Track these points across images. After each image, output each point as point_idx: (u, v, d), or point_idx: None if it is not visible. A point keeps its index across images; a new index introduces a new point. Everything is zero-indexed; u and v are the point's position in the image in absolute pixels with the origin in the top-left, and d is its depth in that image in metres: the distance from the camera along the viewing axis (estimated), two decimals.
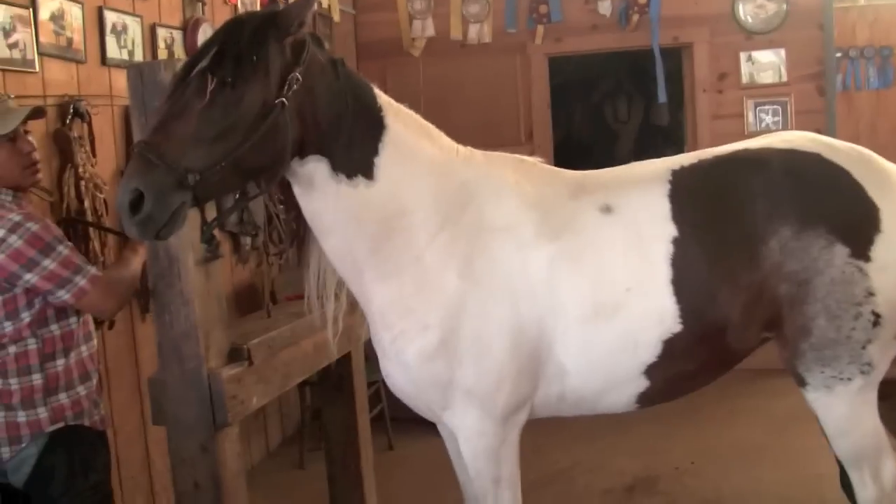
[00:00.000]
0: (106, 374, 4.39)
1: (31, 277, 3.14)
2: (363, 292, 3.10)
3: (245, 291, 6.03)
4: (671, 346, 3.03)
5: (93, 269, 3.26)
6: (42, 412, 3.24)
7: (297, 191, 2.95)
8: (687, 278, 3.00)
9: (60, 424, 3.28)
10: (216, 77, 2.58)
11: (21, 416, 3.22)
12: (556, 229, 3.05)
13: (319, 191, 2.90)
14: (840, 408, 3.08)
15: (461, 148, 3.21)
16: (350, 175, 2.90)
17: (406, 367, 3.07)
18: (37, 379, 3.23)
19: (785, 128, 7.60)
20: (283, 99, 2.68)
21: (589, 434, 6.22)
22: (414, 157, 3.02)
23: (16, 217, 3.15)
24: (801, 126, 7.21)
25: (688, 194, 3.09)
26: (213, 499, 3.17)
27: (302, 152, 2.83)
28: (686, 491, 5.38)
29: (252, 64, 2.62)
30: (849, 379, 3.02)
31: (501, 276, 3.00)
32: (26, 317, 3.21)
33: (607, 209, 3.09)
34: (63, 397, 3.29)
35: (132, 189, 2.50)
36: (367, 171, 2.93)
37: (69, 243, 3.28)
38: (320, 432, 6.37)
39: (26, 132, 3.35)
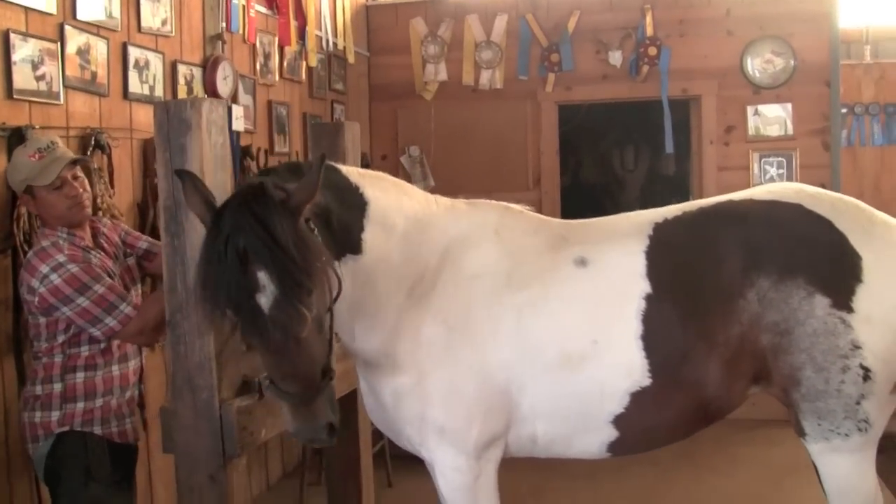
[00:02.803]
0: None
1: (66, 311, 3.45)
2: (350, 341, 3.23)
3: None
4: (640, 399, 3.09)
5: (126, 308, 3.51)
6: (55, 415, 3.54)
7: None
8: (658, 334, 3.07)
9: (67, 428, 3.55)
10: (308, 305, 2.57)
11: (37, 417, 3.55)
12: (528, 279, 3.15)
13: None
14: (841, 466, 3.12)
15: (439, 198, 3.34)
16: (339, 257, 2.98)
17: (384, 406, 3.23)
18: (57, 388, 3.55)
19: (790, 181, 7.68)
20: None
21: (588, 477, 6.25)
22: (398, 219, 3.15)
23: (60, 258, 3.47)
24: (805, 180, 7.30)
25: (665, 249, 3.16)
26: None
27: None
28: None
29: (319, 268, 2.62)
30: (846, 434, 3.05)
31: (471, 321, 3.12)
32: (62, 338, 3.54)
33: (582, 262, 3.18)
34: (78, 406, 3.57)
35: (324, 427, 2.76)
36: (355, 249, 3.05)
37: (108, 280, 3.53)
38: (321, 467, 6.43)
39: (75, 176, 3.61)
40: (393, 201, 3.16)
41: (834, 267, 3.04)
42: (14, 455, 3.91)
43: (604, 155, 11.73)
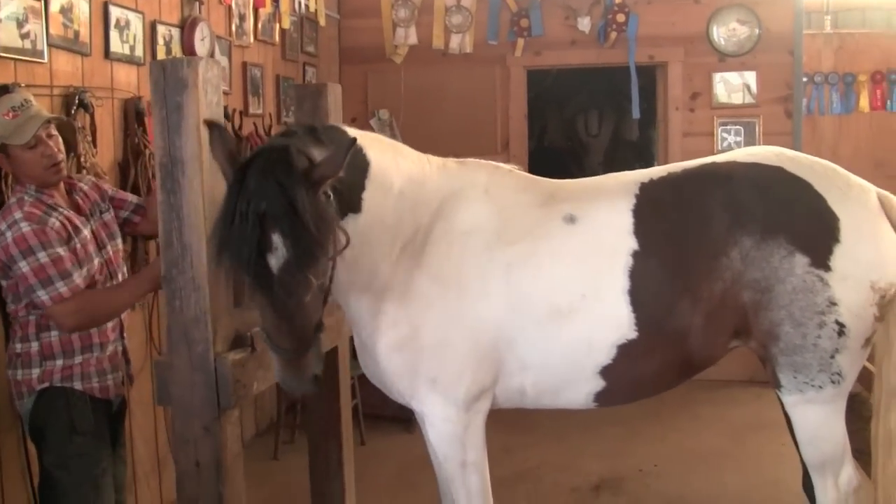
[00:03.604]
0: None
1: (14, 271, 3.44)
2: (345, 298, 3.33)
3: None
4: (627, 351, 3.22)
5: (62, 288, 3.43)
6: (35, 372, 3.57)
7: None
8: (644, 289, 3.20)
9: (47, 384, 3.57)
10: (315, 273, 2.70)
11: (20, 375, 3.59)
12: (518, 235, 3.26)
13: None
14: (813, 415, 3.28)
15: (431, 157, 3.42)
16: (342, 216, 3.03)
17: (377, 359, 3.33)
18: (34, 346, 3.57)
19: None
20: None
21: (557, 435, 6.44)
22: (395, 179, 3.23)
23: (17, 215, 3.44)
24: None
25: (652, 208, 3.28)
26: (213, 478, 3.28)
27: None
28: (650, 491, 5.59)
29: (329, 238, 2.73)
30: (820, 387, 3.20)
31: (463, 276, 3.23)
32: (26, 300, 3.52)
33: (571, 219, 3.29)
34: (58, 363, 3.59)
35: (311, 379, 2.89)
36: (356, 207, 3.12)
37: (58, 251, 3.45)
38: (295, 425, 6.55)
39: (49, 135, 3.58)
40: (391, 162, 3.24)
41: (813, 227, 3.18)
42: (1, 412, 3.95)
43: (568, 120, 11.84)
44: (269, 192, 2.62)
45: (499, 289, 3.21)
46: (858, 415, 3.59)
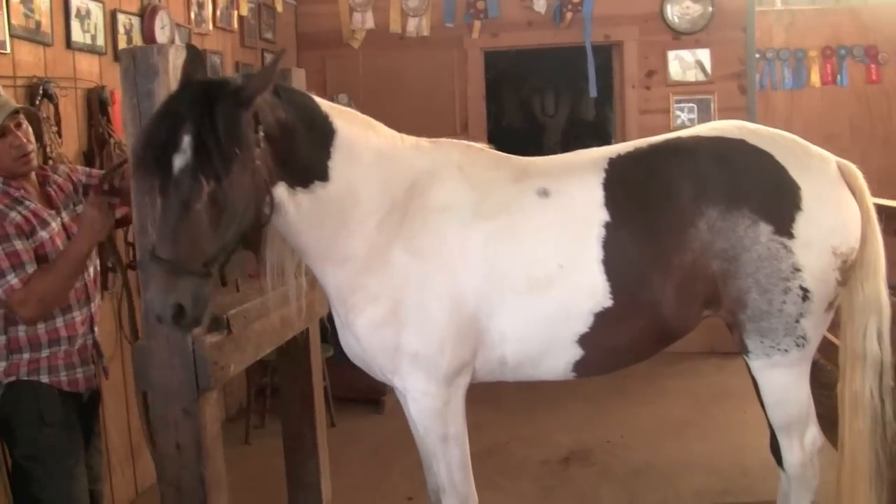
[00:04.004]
0: None
1: None
2: (322, 275, 3.37)
3: None
4: (603, 319, 3.30)
5: (13, 280, 3.40)
6: (1, 366, 3.53)
7: None
8: (617, 259, 3.28)
9: (13, 378, 3.55)
10: (208, 177, 2.73)
11: None
12: (494, 210, 3.32)
13: (282, 209, 3.08)
14: (779, 378, 3.40)
15: (405, 136, 3.45)
16: (306, 184, 3.11)
17: (358, 336, 3.37)
18: (1, 340, 3.53)
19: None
20: (258, 161, 2.88)
21: (525, 411, 6.55)
22: (364, 151, 3.26)
23: None
24: None
25: (621, 182, 3.36)
26: (194, 459, 3.33)
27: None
28: (617, 461, 5.72)
29: (237, 156, 2.77)
30: (785, 350, 3.32)
31: (442, 252, 3.27)
32: None
33: (545, 193, 3.36)
34: (24, 356, 3.56)
35: (173, 304, 2.75)
36: (322, 175, 3.16)
37: (14, 245, 3.42)
38: (264, 409, 6.59)
39: (18, 125, 3.54)
40: (360, 134, 3.28)
41: (775, 196, 3.27)
42: None
43: (524, 101, 11.91)
44: (194, 99, 2.78)
45: (478, 262, 3.27)
46: (816, 381, 3.70)
